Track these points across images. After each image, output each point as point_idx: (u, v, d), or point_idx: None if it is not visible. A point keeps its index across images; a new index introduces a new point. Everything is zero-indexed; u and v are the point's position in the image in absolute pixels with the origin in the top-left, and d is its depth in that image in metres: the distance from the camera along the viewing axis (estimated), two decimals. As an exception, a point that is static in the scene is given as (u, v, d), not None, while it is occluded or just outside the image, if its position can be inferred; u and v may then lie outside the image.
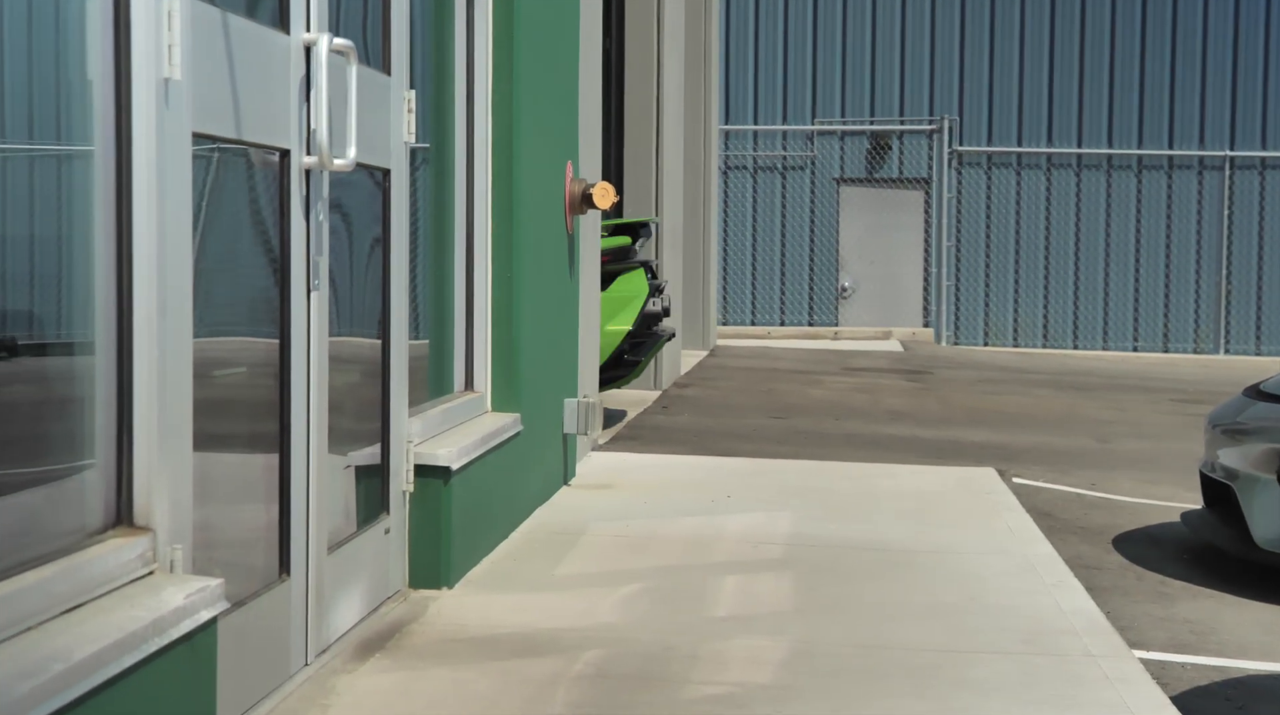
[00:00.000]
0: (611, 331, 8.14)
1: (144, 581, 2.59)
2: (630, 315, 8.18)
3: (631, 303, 8.21)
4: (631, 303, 8.21)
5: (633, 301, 8.21)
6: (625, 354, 8.20)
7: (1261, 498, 5.21)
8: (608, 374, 8.23)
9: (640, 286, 8.26)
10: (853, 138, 20.49)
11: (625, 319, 8.17)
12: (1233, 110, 19.96)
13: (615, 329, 8.15)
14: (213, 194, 3.07)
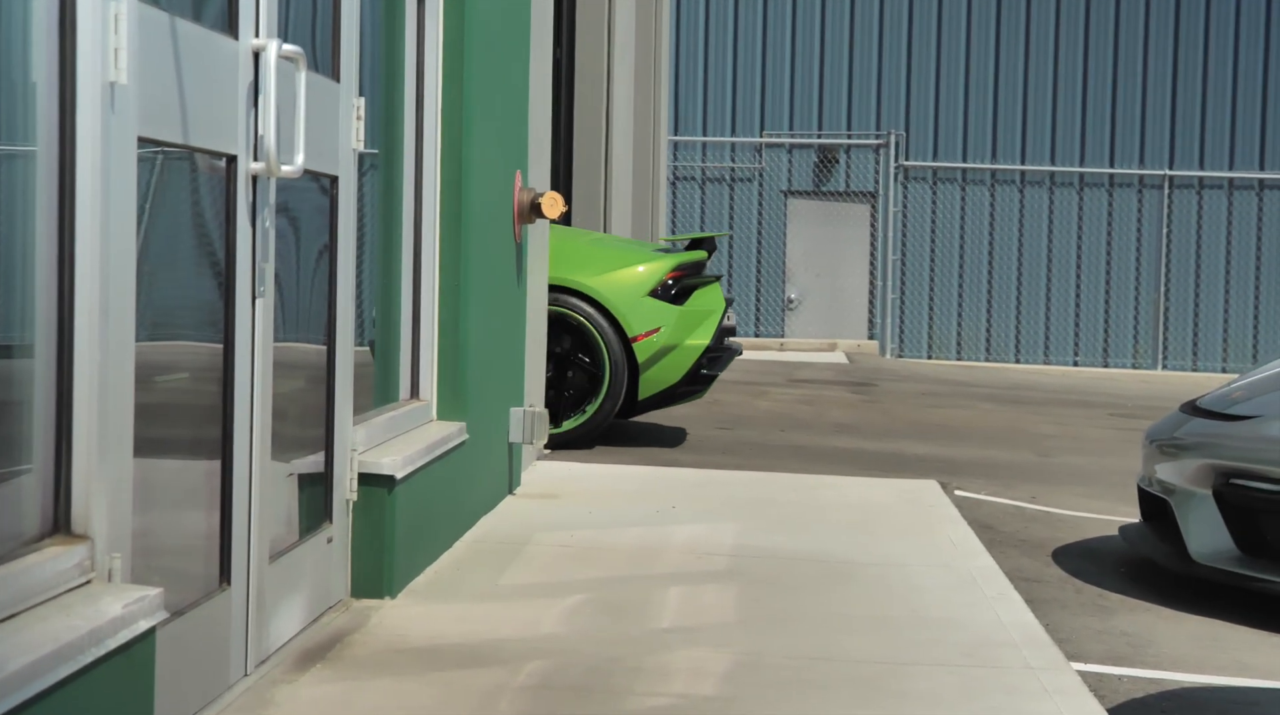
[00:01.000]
0: (691, 346, 8.09)
1: (81, 590, 2.56)
2: (709, 330, 8.14)
3: (710, 317, 8.17)
4: (710, 317, 8.17)
5: (711, 316, 8.17)
6: (703, 369, 8.16)
7: (1197, 513, 5.27)
8: (684, 389, 8.18)
9: (717, 301, 8.23)
10: (800, 151, 20.59)
11: (704, 334, 8.12)
12: (1172, 131, 20.22)
13: (695, 344, 8.10)
14: (158, 199, 3.04)
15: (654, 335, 7.99)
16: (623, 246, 8.44)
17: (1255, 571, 5.07)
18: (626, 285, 8.04)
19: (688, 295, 8.18)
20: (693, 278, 8.26)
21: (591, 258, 8.16)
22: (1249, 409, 5.43)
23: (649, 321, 7.98)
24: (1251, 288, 20.16)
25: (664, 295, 8.08)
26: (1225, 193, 20.21)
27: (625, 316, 7.98)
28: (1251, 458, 5.16)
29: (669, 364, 8.05)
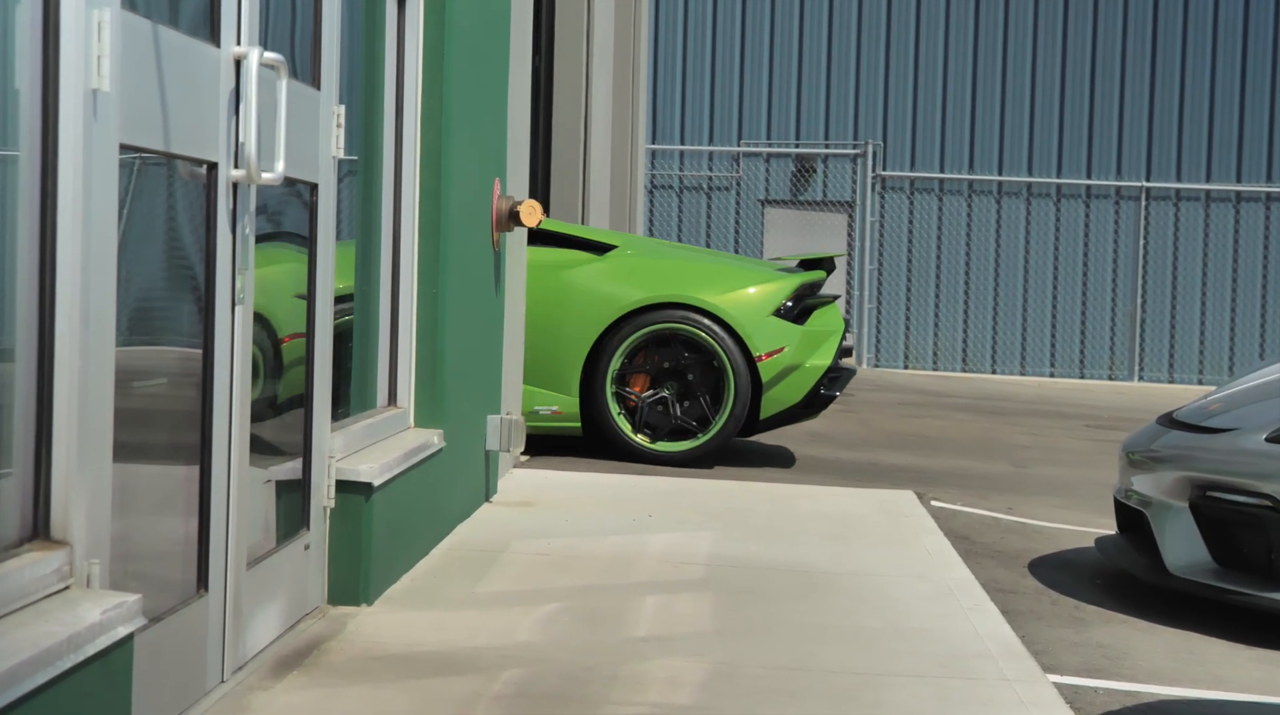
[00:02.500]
0: (813, 366, 8.08)
1: (60, 596, 2.56)
2: (830, 350, 8.13)
3: (831, 337, 8.16)
4: (831, 337, 8.16)
5: (832, 336, 8.16)
6: (822, 389, 8.15)
7: (1173, 525, 5.30)
8: (804, 409, 8.17)
9: (836, 321, 8.23)
10: (778, 160, 20.63)
11: (825, 354, 8.11)
12: (1149, 143, 20.33)
13: (817, 364, 8.09)
14: (139, 205, 3.04)
15: (778, 355, 8.00)
16: (745, 265, 8.44)
17: (1231, 584, 5.10)
18: (752, 304, 8.05)
19: (808, 315, 8.19)
20: (812, 297, 8.27)
21: (715, 275, 8.16)
22: (1226, 421, 5.46)
23: (774, 341, 7.99)
24: (1228, 299, 20.28)
25: (787, 315, 8.09)
26: (1202, 205, 20.32)
27: (750, 335, 7.99)
28: (1228, 470, 5.19)
29: (791, 384, 8.06)
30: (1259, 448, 5.16)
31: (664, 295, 8.02)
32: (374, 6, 4.86)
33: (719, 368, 8.00)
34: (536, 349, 8.03)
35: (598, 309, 8.02)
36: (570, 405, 8.05)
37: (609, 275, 8.14)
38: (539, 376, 8.05)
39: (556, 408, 8.04)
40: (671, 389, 8.04)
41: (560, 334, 8.04)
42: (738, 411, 7.97)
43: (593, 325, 8.02)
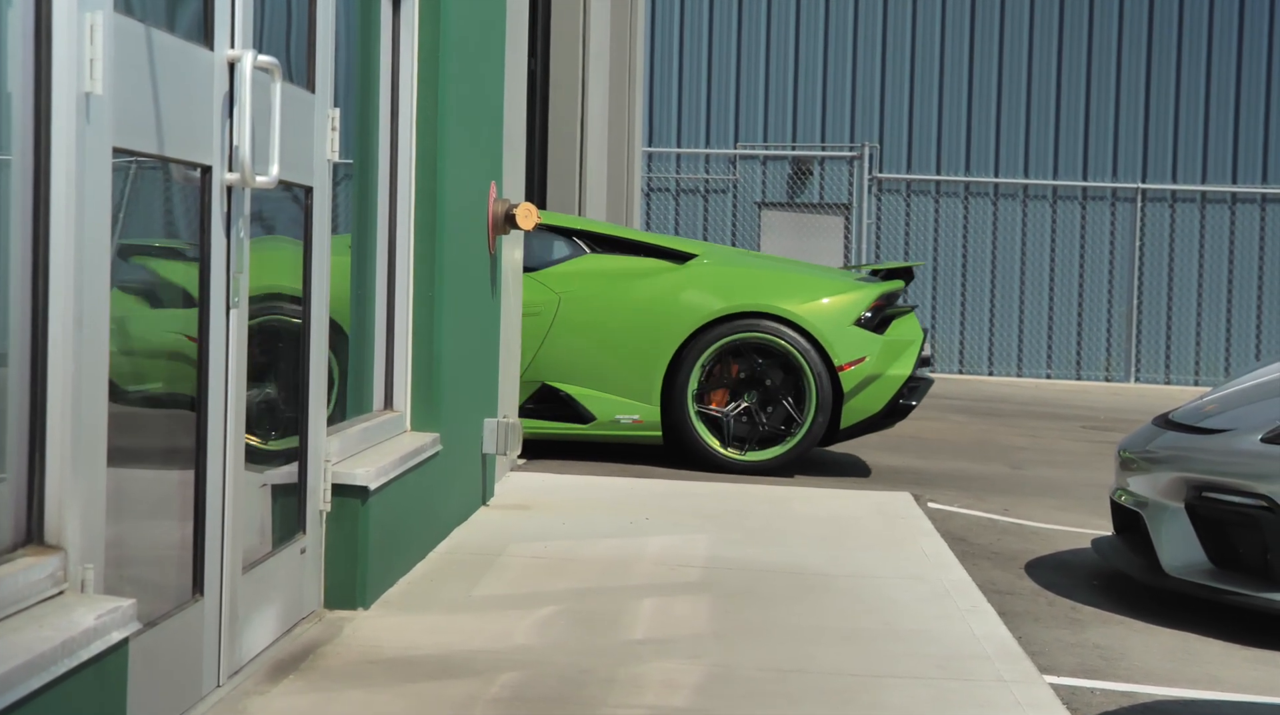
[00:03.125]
0: (893, 376, 8.08)
1: (54, 601, 2.55)
2: (909, 360, 8.13)
3: (910, 347, 8.15)
4: (910, 347, 8.15)
5: (911, 346, 8.16)
6: (902, 399, 8.15)
7: (1169, 526, 5.30)
8: (884, 419, 8.18)
9: (915, 331, 8.23)
10: (775, 162, 20.64)
11: (906, 364, 8.11)
12: (1145, 144, 20.34)
13: (897, 373, 8.09)
14: (133, 209, 3.04)
15: (860, 364, 8.00)
16: (825, 274, 8.44)
17: (1227, 584, 5.10)
18: (833, 313, 8.04)
19: (887, 324, 8.19)
20: (891, 307, 8.28)
21: (796, 285, 8.15)
22: (1222, 422, 5.46)
23: (855, 350, 7.98)
24: (1224, 300, 20.29)
25: (867, 325, 8.08)
26: (1198, 206, 20.33)
27: (832, 345, 7.98)
28: (1224, 471, 5.19)
29: (872, 393, 8.06)
30: (1255, 448, 5.16)
31: (745, 304, 8.01)
32: (368, 9, 4.86)
33: (800, 377, 7.98)
34: (616, 357, 8.05)
35: (679, 318, 8.02)
36: (651, 414, 8.03)
37: (690, 284, 8.13)
38: (619, 385, 8.05)
39: (638, 417, 8.03)
40: (751, 398, 8.02)
41: (641, 342, 8.04)
42: (819, 420, 7.97)
43: (674, 334, 8.01)
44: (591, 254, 8.34)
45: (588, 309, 8.12)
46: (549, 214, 8.67)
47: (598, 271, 8.25)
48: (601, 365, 8.07)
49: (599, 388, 8.07)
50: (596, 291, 8.16)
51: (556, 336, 8.08)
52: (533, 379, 8.09)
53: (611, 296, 8.10)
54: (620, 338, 8.06)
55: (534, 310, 8.08)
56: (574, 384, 8.08)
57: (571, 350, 8.09)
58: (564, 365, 8.09)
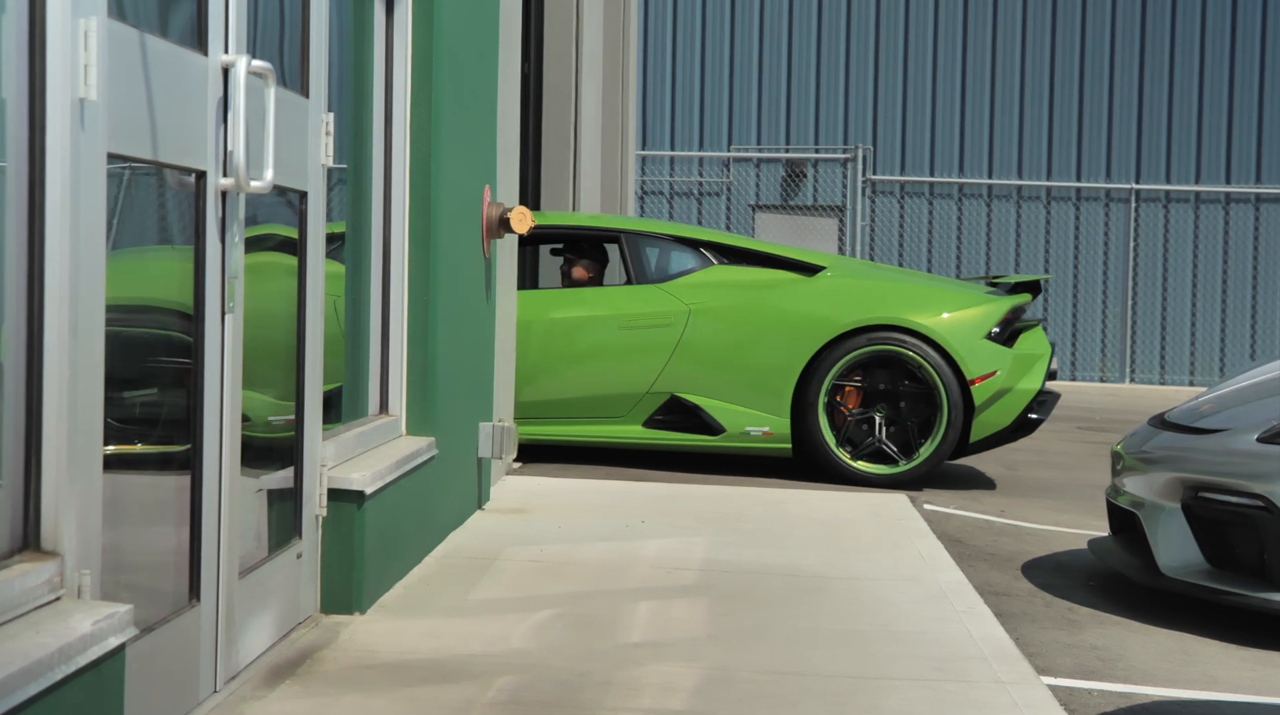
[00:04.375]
0: (1023, 390, 8.06)
1: (51, 607, 2.55)
2: (1039, 374, 8.11)
3: (1040, 361, 8.14)
4: (1040, 361, 8.14)
5: (1040, 360, 8.14)
6: (1030, 413, 8.13)
7: (1166, 526, 5.30)
8: (1012, 433, 8.16)
9: (1043, 344, 8.22)
10: (768, 165, 20.65)
11: (1035, 378, 8.09)
12: (1138, 145, 20.36)
13: (1027, 388, 8.07)
14: (128, 214, 3.04)
15: (991, 378, 7.98)
16: (955, 287, 8.43)
17: (1224, 585, 5.10)
18: (965, 327, 8.02)
19: (1016, 337, 8.17)
20: (1019, 320, 8.26)
21: (927, 298, 8.14)
22: (1217, 422, 5.46)
23: (987, 364, 7.96)
24: (1218, 300, 20.31)
25: (997, 338, 8.06)
26: (1191, 206, 20.36)
27: (964, 358, 7.96)
28: (1220, 471, 5.20)
29: (1002, 407, 8.04)
30: (1251, 448, 5.17)
31: (877, 317, 7.99)
32: (362, 13, 4.86)
33: (930, 390, 7.97)
34: (747, 369, 8.04)
35: (810, 330, 8.00)
36: (781, 426, 8.01)
37: (820, 296, 8.12)
38: (749, 397, 8.04)
39: (767, 429, 8.02)
40: (881, 411, 8.01)
41: (771, 355, 8.02)
42: (951, 435, 7.95)
43: (805, 346, 7.99)
44: (719, 265, 8.33)
45: (717, 321, 8.10)
46: (678, 226, 8.70)
47: (726, 283, 8.23)
48: (731, 377, 8.05)
49: (728, 400, 8.05)
50: (726, 303, 8.14)
51: (686, 348, 8.07)
52: (661, 390, 8.09)
53: (741, 308, 8.10)
54: (750, 350, 8.05)
55: (664, 322, 8.08)
56: (703, 396, 8.07)
57: (701, 362, 8.07)
58: (693, 377, 8.07)
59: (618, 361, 8.11)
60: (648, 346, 8.10)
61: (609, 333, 8.15)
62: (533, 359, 8.12)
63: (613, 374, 8.11)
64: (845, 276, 8.33)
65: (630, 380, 8.09)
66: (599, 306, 8.25)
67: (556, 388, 8.12)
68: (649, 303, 8.19)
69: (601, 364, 8.12)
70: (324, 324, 4.22)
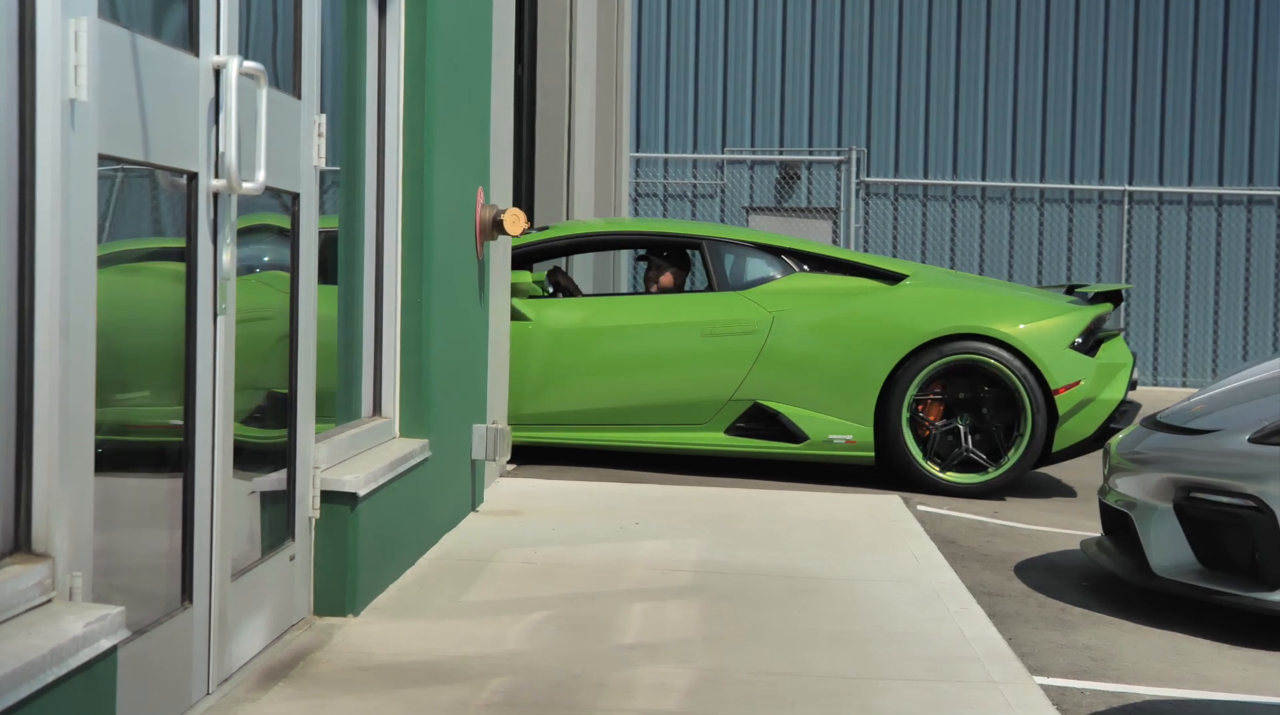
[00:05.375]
0: (1106, 400, 8.05)
1: (42, 609, 2.54)
2: (1122, 383, 8.09)
3: (1122, 371, 8.13)
4: (1122, 371, 8.13)
5: (1123, 369, 8.13)
6: (1113, 423, 8.11)
7: (1158, 526, 5.30)
8: (1093, 444, 8.14)
9: (1125, 354, 8.21)
10: (762, 167, 20.65)
11: (1118, 388, 8.08)
12: (1131, 147, 20.38)
13: (1110, 397, 8.06)
14: (119, 216, 3.03)
15: (1075, 388, 7.96)
16: (1038, 296, 8.42)
17: (1216, 585, 5.11)
18: (1049, 336, 8.01)
19: (1099, 347, 8.16)
20: (1101, 330, 8.25)
21: (1011, 307, 8.13)
22: (1210, 423, 5.47)
23: (1071, 374, 7.93)
24: (1211, 302, 20.33)
25: (1081, 348, 8.04)
26: (1184, 208, 20.38)
27: (1049, 368, 7.94)
28: (1212, 471, 5.20)
29: (1085, 417, 8.02)
30: (1242, 448, 5.17)
31: (961, 326, 7.97)
32: (354, 14, 4.86)
33: (1014, 400, 7.94)
34: (830, 377, 8.03)
35: (895, 339, 7.99)
36: (864, 434, 8.00)
37: (903, 305, 8.12)
38: (832, 405, 8.03)
39: (850, 437, 8.01)
40: (965, 420, 8.00)
41: (855, 363, 8.01)
42: (1034, 444, 7.93)
43: (889, 355, 7.98)
44: (800, 273, 8.33)
45: (801, 328, 8.09)
46: (760, 233, 8.71)
47: (809, 290, 8.23)
48: (815, 385, 8.03)
49: (812, 407, 8.04)
50: (809, 311, 8.13)
51: (769, 355, 8.06)
52: (744, 397, 8.08)
53: (825, 316, 8.09)
54: (834, 358, 8.04)
55: (747, 329, 8.08)
56: (786, 403, 8.06)
57: (784, 369, 8.06)
58: (776, 384, 8.06)
59: (700, 368, 8.10)
60: (731, 353, 8.08)
61: (691, 339, 8.13)
62: (610, 365, 8.12)
63: (695, 381, 8.10)
64: (928, 285, 8.33)
65: (713, 387, 8.08)
66: (681, 313, 8.24)
67: (634, 394, 8.11)
68: (732, 310, 8.17)
69: (683, 370, 8.11)
70: (316, 325, 4.22)
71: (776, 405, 8.06)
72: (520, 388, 8.04)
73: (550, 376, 8.11)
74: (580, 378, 8.12)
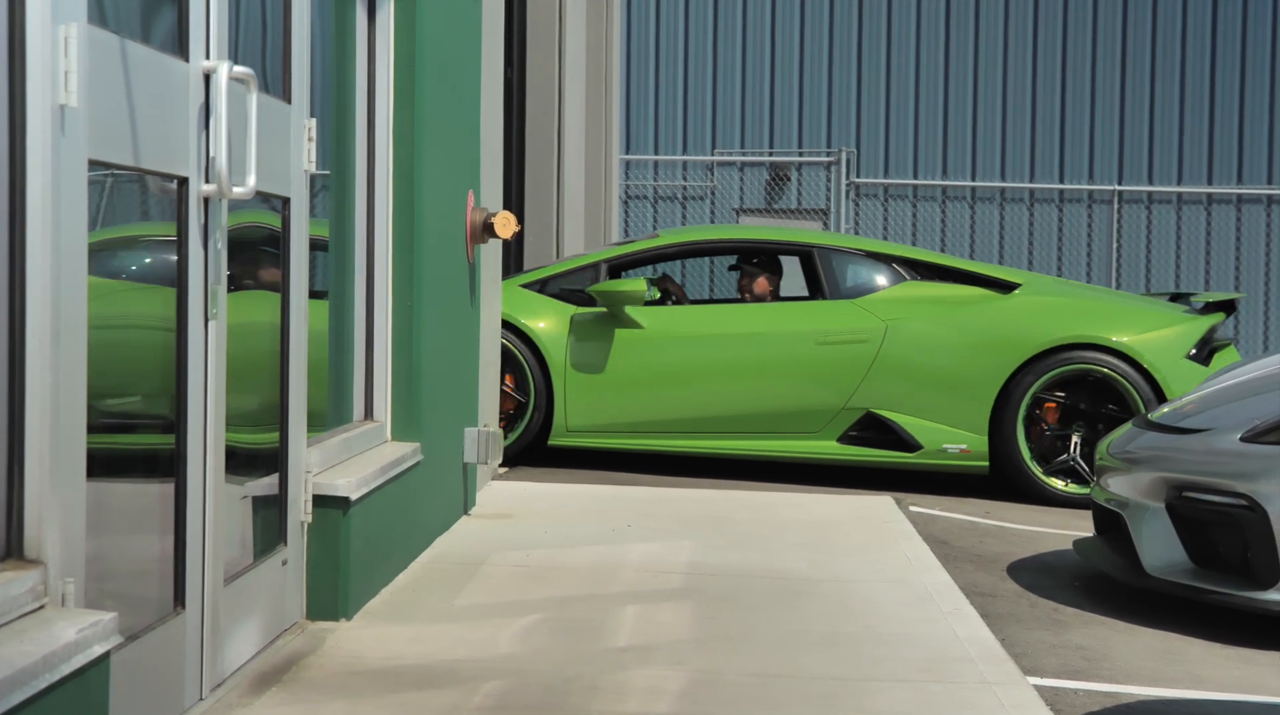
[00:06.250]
0: None
1: (35, 616, 2.54)
2: None
3: None
4: None
5: None
6: None
7: (1150, 526, 5.31)
8: None
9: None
10: (752, 168, 20.67)
11: None
12: (1120, 147, 20.42)
13: None
14: (109, 221, 3.03)
15: None
16: (1153, 305, 8.38)
17: (1208, 584, 5.12)
18: (1166, 347, 7.98)
19: (1212, 357, 8.14)
20: (1215, 340, 8.23)
21: (1126, 316, 8.11)
22: (1201, 422, 5.48)
23: (1188, 384, 7.84)
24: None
25: (1196, 357, 8.02)
26: (1174, 207, 20.42)
27: (1166, 378, 7.89)
28: (1204, 471, 5.21)
29: None
30: (1234, 447, 5.18)
31: (1077, 335, 7.95)
32: (344, 18, 4.86)
33: (1129, 410, 7.89)
34: (945, 386, 8.02)
35: (1010, 347, 7.97)
36: (979, 444, 7.97)
37: (1018, 314, 8.09)
38: (947, 414, 8.02)
39: (965, 446, 7.99)
40: (1080, 430, 7.98)
41: (970, 372, 7.99)
42: None
43: (1004, 364, 7.96)
44: (911, 281, 8.34)
45: (914, 337, 8.08)
46: (870, 241, 8.71)
47: (922, 299, 8.23)
48: (929, 394, 8.02)
49: (926, 416, 8.02)
50: (923, 319, 8.13)
51: (883, 364, 8.05)
52: (857, 406, 8.07)
53: (939, 325, 8.09)
54: (948, 367, 8.02)
55: (861, 337, 8.08)
56: (900, 412, 8.05)
57: (898, 378, 8.05)
58: (890, 393, 8.05)
59: (813, 376, 8.09)
60: (844, 362, 8.07)
61: (805, 347, 8.12)
62: (723, 373, 8.12)
63: (808, 389, 8.09)
64: (1042, 293, 8.31)
65: (826, 395, 8.08)
66: (794, 321, 8.24)
67: (747, 402, 8.11)
68: (845, 318, 8.17)
69: (796, 379, 8.10)
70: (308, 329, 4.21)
71: (890, 414, 8.05)
72: (633, 394, 8.07)
73: (663, 383, 8.12)
74: (693, 385, 8.13)
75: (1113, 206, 20.36)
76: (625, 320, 8.14)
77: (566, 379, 8.09)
